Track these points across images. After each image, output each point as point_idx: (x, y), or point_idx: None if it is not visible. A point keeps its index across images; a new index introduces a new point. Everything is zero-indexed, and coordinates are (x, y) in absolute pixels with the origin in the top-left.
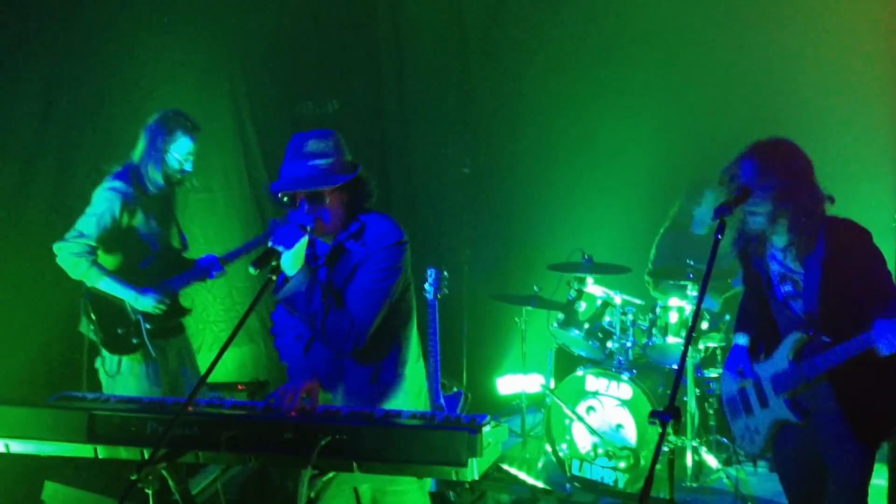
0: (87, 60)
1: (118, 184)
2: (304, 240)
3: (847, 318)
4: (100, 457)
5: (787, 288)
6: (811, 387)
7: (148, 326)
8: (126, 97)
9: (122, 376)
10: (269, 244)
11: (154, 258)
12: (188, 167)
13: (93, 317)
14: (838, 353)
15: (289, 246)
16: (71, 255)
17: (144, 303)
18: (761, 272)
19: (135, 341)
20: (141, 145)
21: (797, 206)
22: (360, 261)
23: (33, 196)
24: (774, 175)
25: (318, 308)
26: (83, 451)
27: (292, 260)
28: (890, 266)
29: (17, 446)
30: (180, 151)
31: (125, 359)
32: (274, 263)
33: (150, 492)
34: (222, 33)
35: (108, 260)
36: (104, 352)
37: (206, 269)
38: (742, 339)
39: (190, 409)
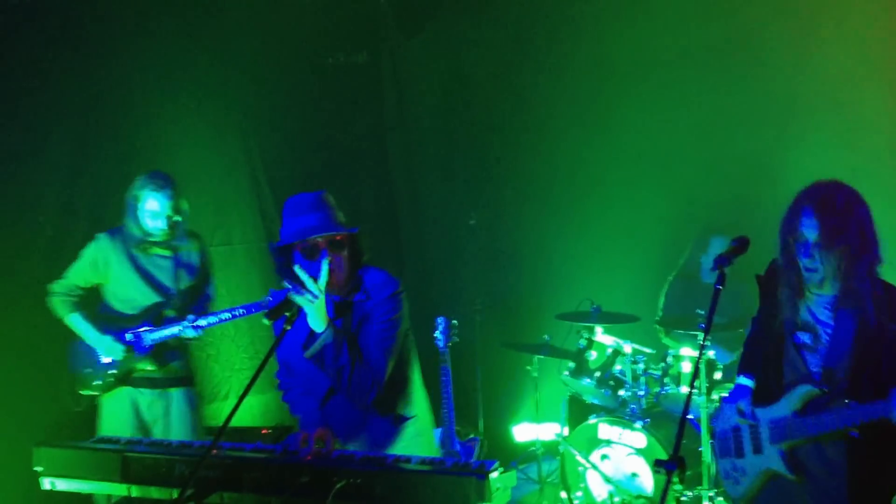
0: (111, 124)
1: (103, 236)
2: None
3: (869, 382)
4: (133, 496)
5: (805, 338)
6: (814, 445)
7: (113, 371)
8: (147, 158)
9: (100, 414)
10: (288, 294)
11: (147, 308)
12: (162, 225)
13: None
14: (851, 416)
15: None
16: (52, 294)
17: (103, 346)
18: (788, 313)
19: (97, 382)
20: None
21: (857, 266)
22: (367, 312)
23: (67, 253)
24: (840, 236)
25: (345, 362)
26: (119, 489)
27: (317, 315)
28: None
29: (62, 484)
30: (149, 210)
31: (103, 398)
32: (287, 314)
33: None
34: (233, 95)
35: (100, 304)
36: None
37: (178, 327)
38: (746, 381)
39: (214, 451)
